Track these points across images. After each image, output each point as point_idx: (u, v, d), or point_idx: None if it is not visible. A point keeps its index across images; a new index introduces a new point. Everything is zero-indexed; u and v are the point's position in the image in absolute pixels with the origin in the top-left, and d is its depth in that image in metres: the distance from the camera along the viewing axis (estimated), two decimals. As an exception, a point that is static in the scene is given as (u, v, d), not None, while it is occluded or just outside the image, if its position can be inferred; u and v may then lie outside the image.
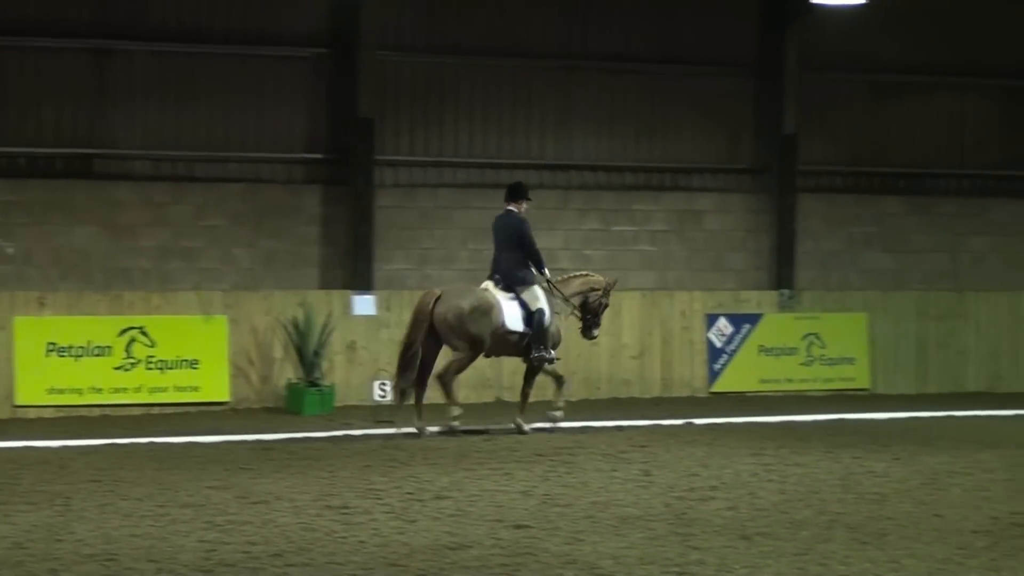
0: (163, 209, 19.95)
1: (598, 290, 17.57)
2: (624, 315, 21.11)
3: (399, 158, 20.99)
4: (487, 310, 16.79)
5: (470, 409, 19.46)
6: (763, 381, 21.49)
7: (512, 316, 16.84)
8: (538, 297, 16.95)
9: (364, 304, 20.20)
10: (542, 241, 21.58)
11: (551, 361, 17.06)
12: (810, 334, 21.67)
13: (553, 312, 17.05)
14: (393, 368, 17.59)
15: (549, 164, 21.63)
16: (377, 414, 18.72)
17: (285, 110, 20.47)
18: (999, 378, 22.34)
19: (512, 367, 20.67)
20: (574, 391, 20.75)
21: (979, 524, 11.21)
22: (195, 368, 19.17)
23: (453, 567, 9.75)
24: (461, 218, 21.31)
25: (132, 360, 18.97)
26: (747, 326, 21.45)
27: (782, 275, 22.04)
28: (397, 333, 20.30)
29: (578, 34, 21.69)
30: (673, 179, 22.18)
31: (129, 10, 19.81)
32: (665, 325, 21.28)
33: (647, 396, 20.86)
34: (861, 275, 22.70)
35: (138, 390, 18.96)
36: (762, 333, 21.46)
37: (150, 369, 19.02)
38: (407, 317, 20.24)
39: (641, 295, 21.42)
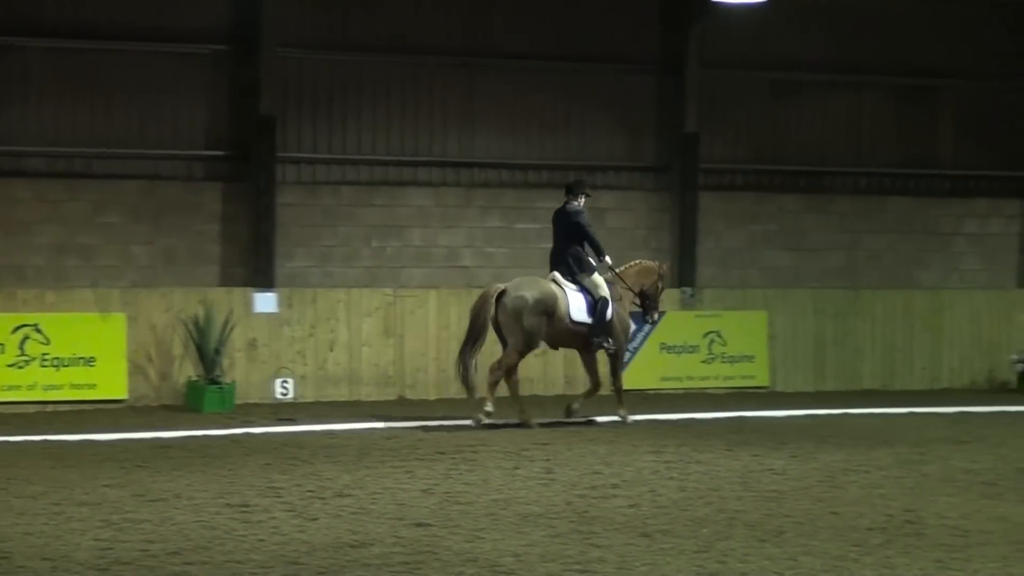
0: (59, 206, 19.72)
1: (652, 276, 18.32)
2: (527, 313, 21.11)
3: (301, 155, 20.88)
4: (552, 303, 17.32)
5: (374, 406, 19.43)
6: (664, 379, 21.60)
7: (577, 307, 17.41)
8: (600, 285, 17.49)
9: (266, 302, 20.08)
10: (443, 238, 21.71)
11: (610, 349, 17.61)
12: (711, 332, 21.80)
13: (615, 301, 17.66)
14: (452, 361, 18.20)
15: (452, 162, 21.61)
16: (278, 412, 18.63)
17: (185, 107, 20.29)
18: (893, 375, 22.59)
19: (414, 364, 20.65)
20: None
21: (874, 521, 11.33)
22: (91, 366, 18.96)
23: (354, 565, 9.71)
24: (364, 215, 21.25)
25: (26, 358, 18.73)
26: (649, 324, 21.53)
27: (684, 273, 22.16)
28: (299, 331, 20.24)
29: (482, 32, 21.68)
30: (576, 177, 22.20)
31: (25, 6, 19.56)
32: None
33: (550, 394, 20.88)
34: (761, 273, 22.88)
35: (32, 387, 18.73)
36: (664, 331, 21.55)
37: (45, 367, 18.79)
38: (309, 315, 20.27)
39: (543, 293, 21.43)
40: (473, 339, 17.42)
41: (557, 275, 17.61)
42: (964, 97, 23.66)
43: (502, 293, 17.36)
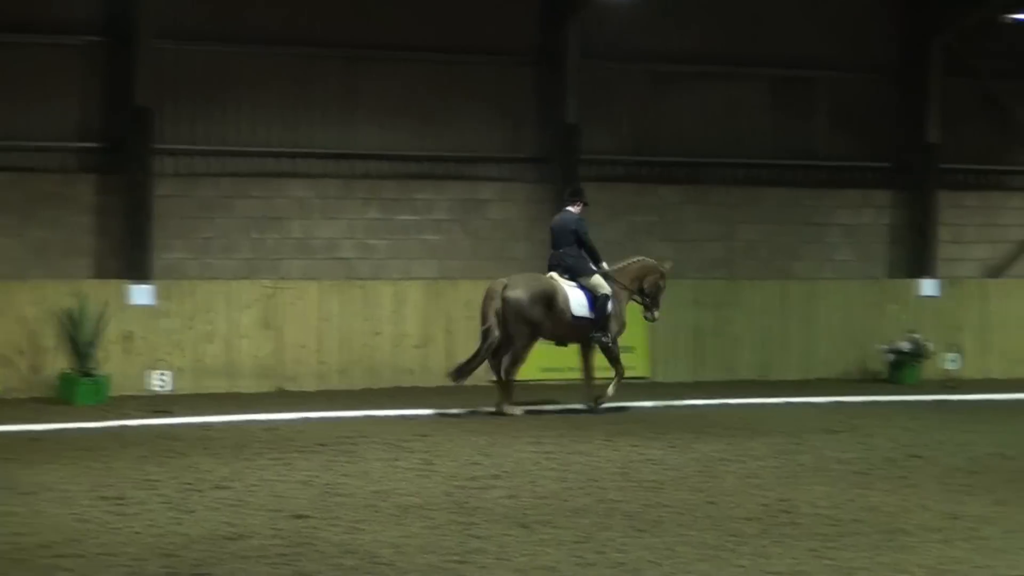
0: (-76, 199, 19.40)
1: (654, 273, 18.75)
2: (407, 304, 21.10)
3: (179, 147, 20.67)
4: (551, 296, 17.87)
5: (250, 399, 19.27)
6: (545, 370, 21.60)
7: (577, 302, 17.92)
8: (602, 284, 18.08)
9: (141, 294, 19.85)
10: (323, 230, 21.58)
11: (608, 343, 18.14)
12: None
13: (616, 300, 18.18)
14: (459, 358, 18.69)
15: (332, 153, 21.50)
16: (154, 404, 18.42)
17: (57, 99, 20.00)
18: (769, 366, 22.82)
19: (294, 356, 20.52)
20: (356, 380, 20.70)
21: (750, 511, 11.43)
22: (-41, 359, 18.66)
23: (231, 557, 9.63)
24: (243, 207, 21.08)
25: None
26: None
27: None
28: (175, 323, 20.03)
29: (361, 23, 21.58)
30: (456, 168, 22.21)
31: None
32: (448, 314, 21.30)
33: (430, 385, 20.85)
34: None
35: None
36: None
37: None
38: (187, 306, 20.06)
39: (424, 284, 21.41)
40: (486, 337, 17.89)
41: (554, 274, 18.18)
42: (838, 89, 23.95)
43: (505, 287, 17.87)
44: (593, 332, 18.08)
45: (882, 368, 22.60)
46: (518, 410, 17.85)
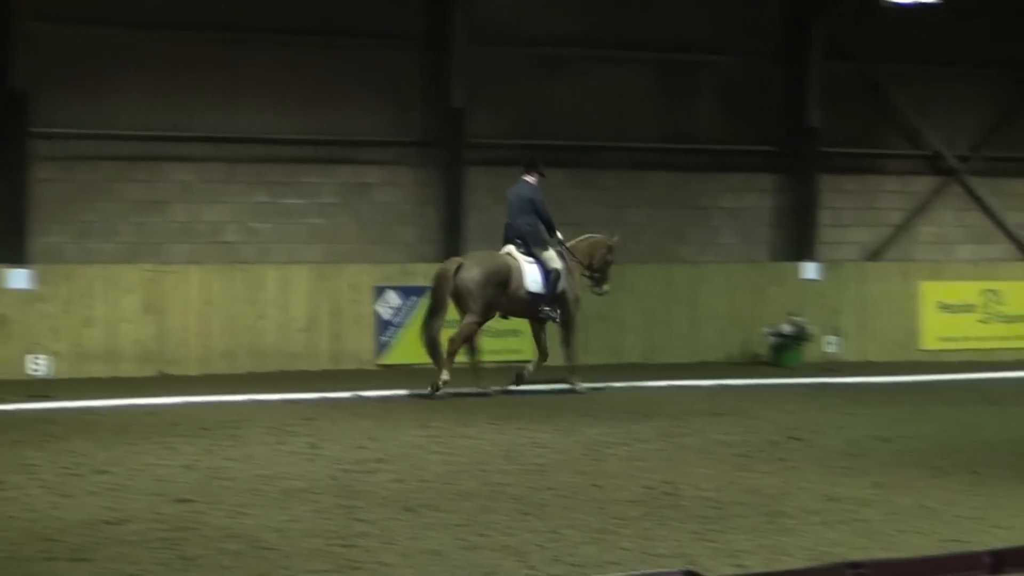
0: None
1: (603, 249, 19.18)
2: (292, 288, 20.98)
3: (56, 131, 20.40)
4: (506, 274, 18.11)
5: (132, 383, 19.05)
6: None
7: (532, 278, 18.25)
8: (554, 258, 18.40)
9: (18, 278, 19.55)
10: (207, 214, 21.39)
11: (556, 319, 18.46)
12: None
13: (568, 274, 18.56)
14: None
15: (215, 137, 21.32)
16: (31, 389, 18.15)
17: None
18: (655, 349, 22.97)
19: (176, 340, 20.32)
20: (240, 364, 20.55)
21: (634, 494, 11.48)
22: None
23: (111, 542, 9.52)
24: (123, 191, 20.86)
25: None
26: (415, 299, 21.54)
27: (450, 248, 22.18)
28: (53, 307, 19.76)
29: (244, 6, 21.41)
30: (342, 152, 22.12)
31: None
32: (334, 298, 21.21)
33: (315, 369, 20.77)
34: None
35: None
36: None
37: None
38: (65, 291, 19.78)
39: (310, 268, 21.31)
40: (434, 311, 18.07)
41: (511, 248, 18.38)
42: (722, 73, 24.13)
43: (459, 267, 18.04)
44: (543, 307, 18.34)
45: (765, 351, 22.82)
46: (445, 374, 17.92)
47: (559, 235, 18.68)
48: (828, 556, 9.32)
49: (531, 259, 18.33)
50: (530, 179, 18.67)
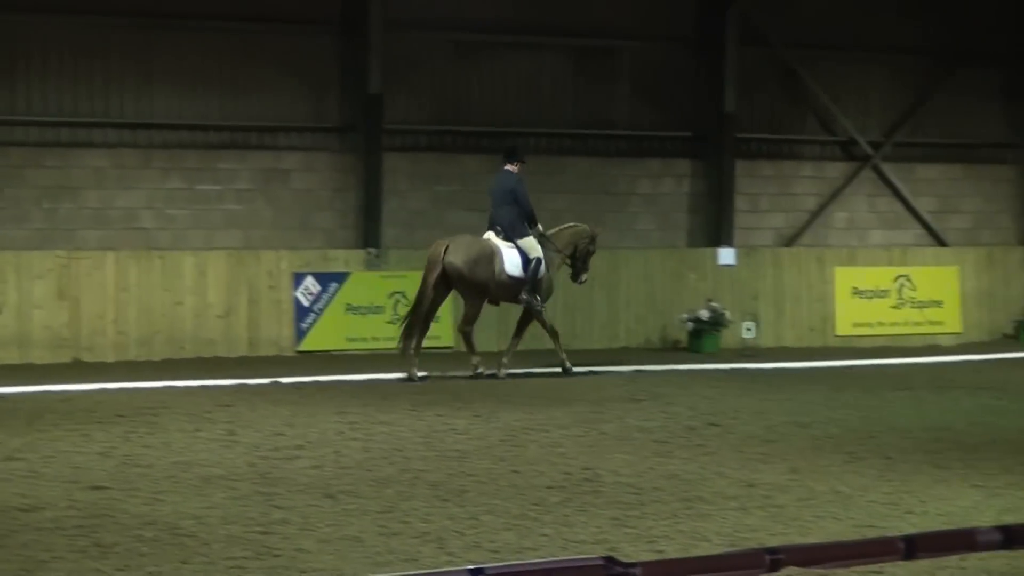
0: None
1: (585, 239, 19.46)
2: (209, 274, 20.85)
3: (-32, 116, 20.17)
4: (490, 257, 18.50)
5: (44, 370, 18.87)
6: (350, 339, 21.56)
7: (512, 262, 18.59)
8: (536, 247, 18.73)
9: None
10: (121, 200, 21.20)
11: (536, 306, 18.78)
12: (396, 292, 21.84)
13: (548, 263, 18.86)
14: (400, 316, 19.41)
15: (129, 123, 21.14)
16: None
17: None
18: (574, 335, 23.00)
19: (91, 327, 20.14)
20: (156, 351, 20.41)
21: (553, 480, 11.51)
22: None
23: (25, 529, 9.43)
24: (35, 177, 20.66)
25: None
26: (334, 285, 21.49)
27: (369, 234, 22.16)
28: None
29: (158, -9, 21.24)
30: (259, 138, 21.99)
31: None
32: (252, 284, 21.10)
33: (233, 355, 20.66)
34: (445, 233, 22.94)
35: None
36: (349, 292, 21.53)
37: None
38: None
39: (227, 254, 21.18)
40: (422, 294, 18.49)
41: (491, 234, 18.79)
42: (639, 58, 24.19)
43: (446, 249, 18.42)
44: (523, 293, 18.69)
45: (683, 337, 22.95)
46: (476, 359, 18.59)
47: (539, 226, 18.98)
48: (745, 542, 9.39)
49: (510, 245, 18.67)
50: (511, 168, 18.90)
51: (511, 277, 18.64)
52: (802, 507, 10.55)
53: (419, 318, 18.50)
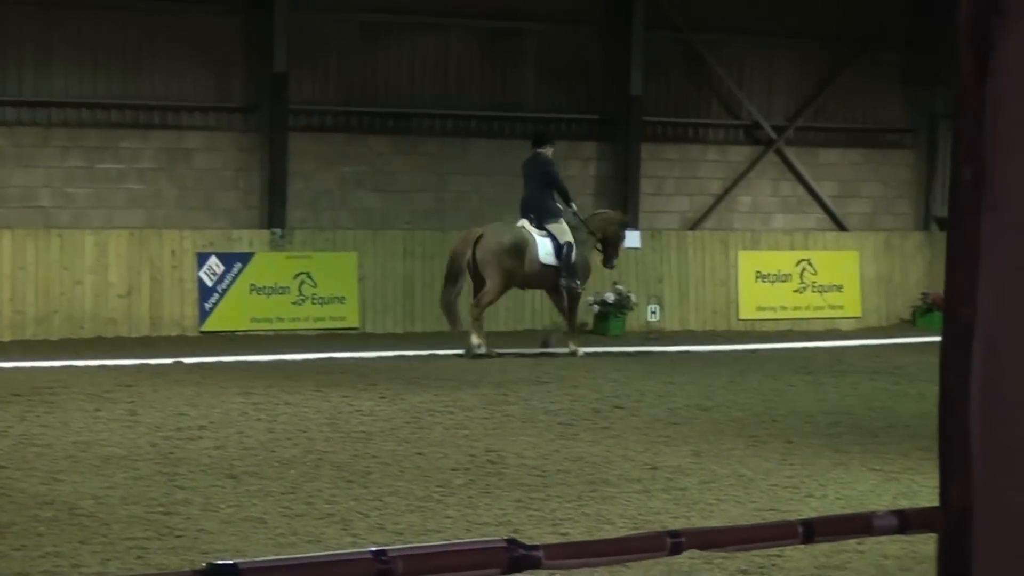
0: None
1: (615, 224, 20.19)
2: (111, 253, 20.64)
3: None
4: (523, 247, 19.04)
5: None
6: (254, 320, 21.43)
7: (545, 250, 19.11)
8: (566, 231, 19.25)
9: None
10: (19, 178, 20.91)
11: (577, 289, 19.45)
12: (301, 273, 21.74)
13: (580, 245, 19.41)
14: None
15: (28, 101, 20.86)
16: None
17: None
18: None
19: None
20: (55, 330, 20.18)
21: (458, 462, 11.52)
22: None
23: (-80, 513, 9.30)
24: (-72, 156, 20.36)
25: None
26: (238, 265, 21.34)
27: (273, 214, 22.02)
28: None
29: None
30: (162, 117, 21.76)
31: None
32: (154, 264, 20.91)
33: (135, 335, 20.47)
34: (351, 214, 22.93)
35: None
36: (253, 272, 21.39)
37: None
38: None
39: (129, 233, 20.97)
40: (452, 279, 19.13)
41: (525, 222, 19.30)
42: (546, 41, 24.18)
43: (479, 237, 18.99)
44: (562, 279, 19.27)
45: (589, 319, 23.02)
46: (475, 339, 18.86)
47: (574, 207, 19.57)
48: (648, 524, 9.45)
49: (543, 232, 19.19)
50: (541, 151, 19.64)
51: (544, 265, 19.18)
52: (704, 490, 10.63)
53: (451, 299, 19.14)
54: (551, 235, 19.25)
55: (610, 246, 20.24)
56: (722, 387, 16.49)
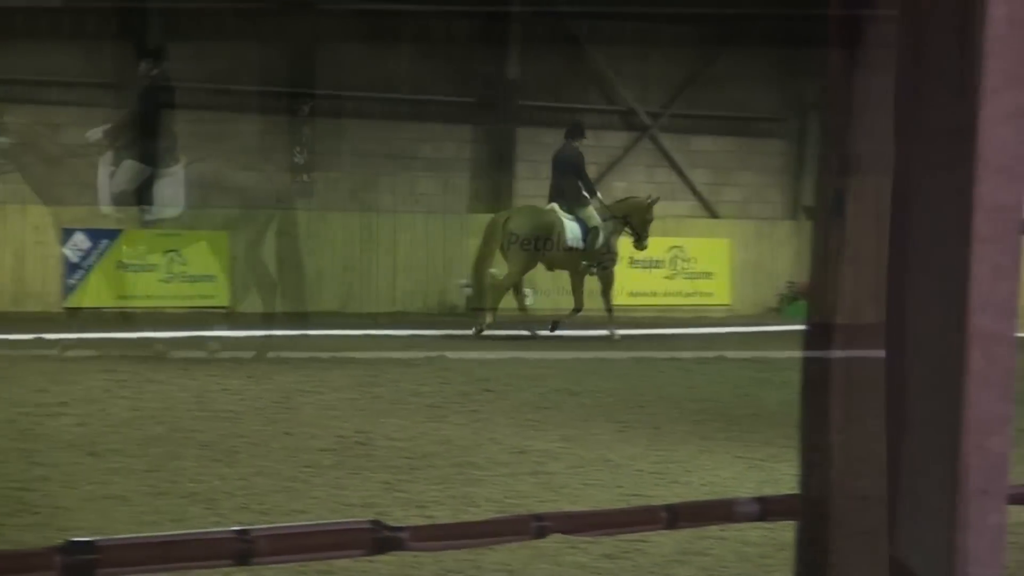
0: None
1: (642, 208, 20.88)
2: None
3: None
4: (549, 230, 19.85)
5: None
6: (123, 297, 21.11)
7: (573, 233, 19.97)
8: (592, 216, 20.14)
9: None
10: None
11: (595, 273, 20.44)
12: (171, 251, 21.46)
13: (607, 231, 20.28)
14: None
15: None
16: None
17: None
18: (351, 297, 22.95)
19: None
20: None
21: (326, 443, 11.46)
22: None
23: None
24: None
25: None
26: (105, 241, 21.00)
27: (143, 190, 21.69)
28: None
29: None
30: (25, 91, 21.37)
31: None
32: (18, 239, 20.55)
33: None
34: (223, 193, 22.66)
35: None
36: (121, 249, 21.07)
37: None
38: None
39: (-6, 206, 20.61)
40: (482, 259, 20.11)
41: (555, 206, 20.14)
42: (422, 22, 24.11)
43: (507, 219, 19.96)
44: (585, 262, 20.25)
45: (460, 302, 23.02)
46: (489, 318, 19.87)
47: (599, 196, 20.59)
48: (514, 508, 9.46)
49: (571, 216, 20.03)
50: (574, 144, 20.41)
51: (571, 248, 19.96)
52: (572, 475, 10.66)
53: (484, 279, 20.03)
54: (579, 219, 20.06)
55: (639, 229, 20.86)
56: (592, 372, 16.56)
